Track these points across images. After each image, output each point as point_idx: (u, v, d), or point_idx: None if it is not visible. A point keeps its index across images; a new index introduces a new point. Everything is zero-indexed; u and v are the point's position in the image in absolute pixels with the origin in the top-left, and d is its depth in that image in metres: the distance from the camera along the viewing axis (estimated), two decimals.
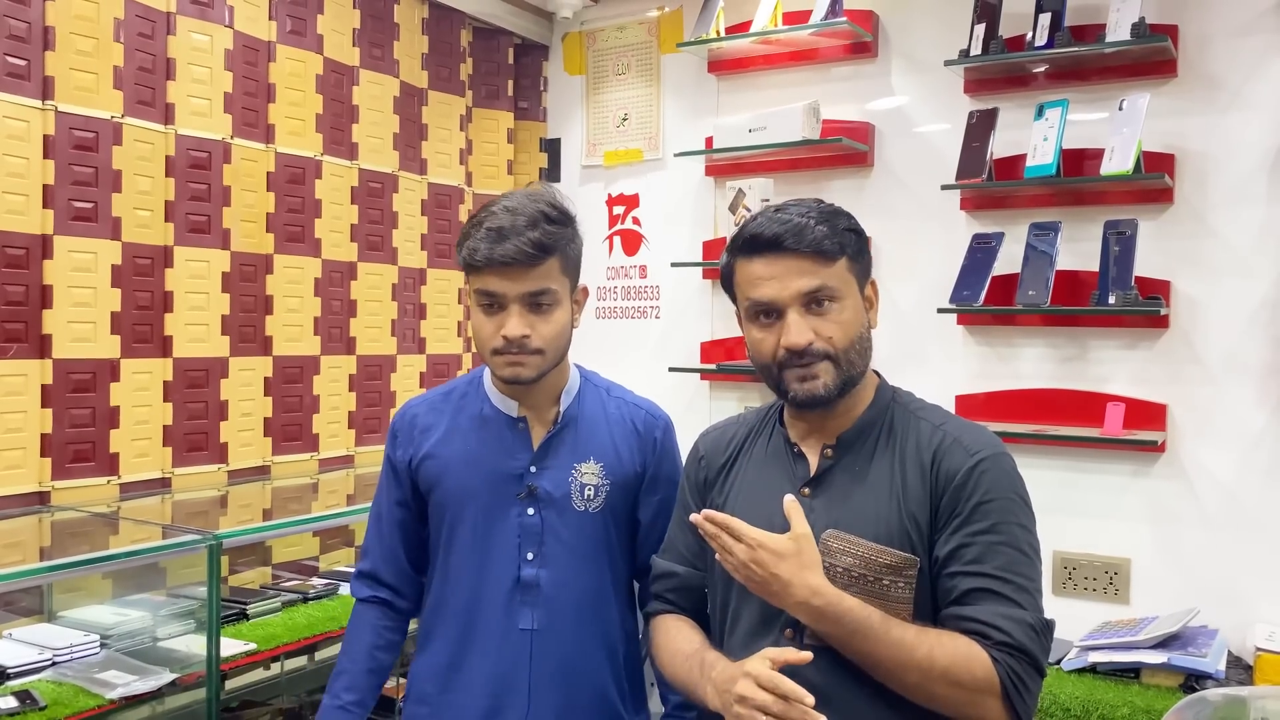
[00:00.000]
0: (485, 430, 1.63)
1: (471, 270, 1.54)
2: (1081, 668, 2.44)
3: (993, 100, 2.87)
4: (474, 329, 1.58)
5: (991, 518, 1.28)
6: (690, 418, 3.41)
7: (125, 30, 2.49)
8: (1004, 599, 1.25)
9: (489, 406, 1.64)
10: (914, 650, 1.23)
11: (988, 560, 1.27)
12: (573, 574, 1.60)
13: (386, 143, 3.22)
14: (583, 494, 1.61)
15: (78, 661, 2.10)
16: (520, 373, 1.55)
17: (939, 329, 2.95)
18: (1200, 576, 2.62)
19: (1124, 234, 2.62)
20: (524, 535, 1.58)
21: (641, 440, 1.68)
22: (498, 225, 1.51)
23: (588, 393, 1.69)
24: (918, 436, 1.36)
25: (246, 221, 2.79)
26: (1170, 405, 2.68)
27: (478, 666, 1.58)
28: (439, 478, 1.63)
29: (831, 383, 1.33)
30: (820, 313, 1.33)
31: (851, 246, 1.37)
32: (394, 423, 1.71)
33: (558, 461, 1.61)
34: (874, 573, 1.31)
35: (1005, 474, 1.32)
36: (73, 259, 2.39)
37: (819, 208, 1.38)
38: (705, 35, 3.24)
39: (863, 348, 1.37)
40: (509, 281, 1.51)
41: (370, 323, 3.17)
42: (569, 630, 1.59)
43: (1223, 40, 2.62)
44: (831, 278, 1.33)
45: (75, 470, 2.41)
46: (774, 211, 1.37)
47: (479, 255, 1.50)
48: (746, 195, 3.12)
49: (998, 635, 1.23)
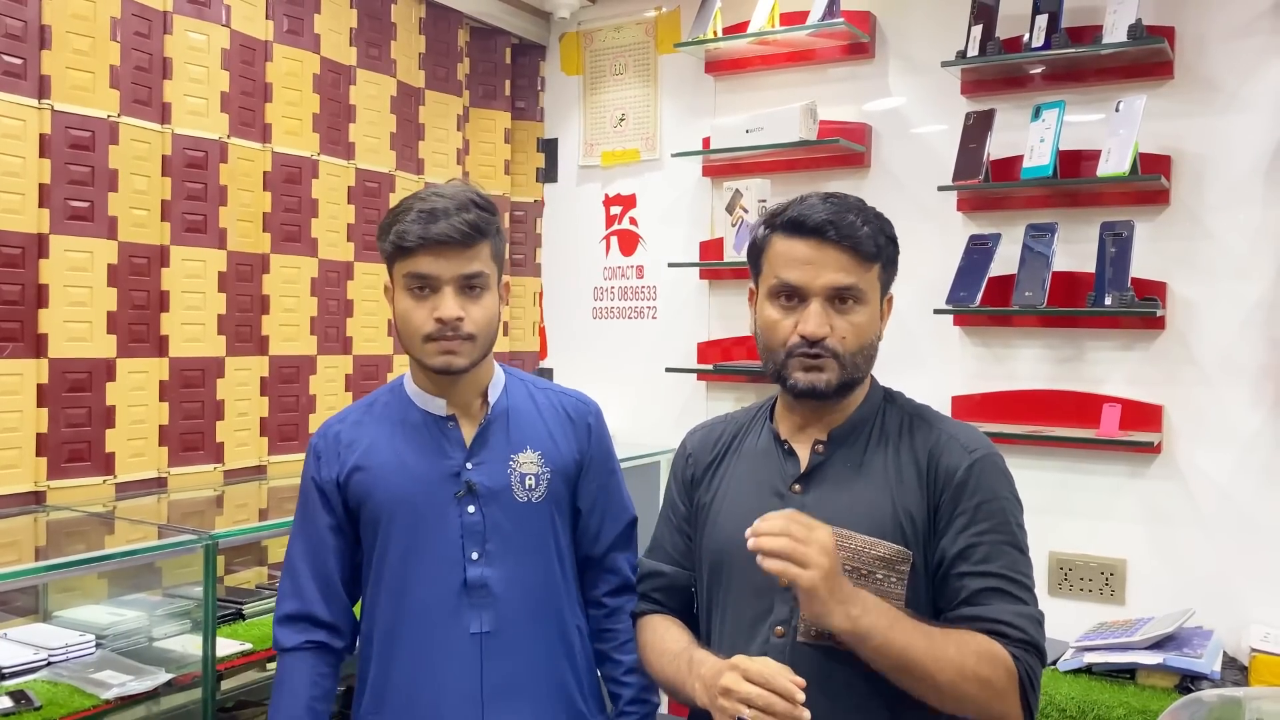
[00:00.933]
0: (414, 434, 1.57)
1: (401, 255, 1.49)
2: (1077, 668, 2.45)
3: (990, 101, 2.88)
4: (401, 317, 1.52)
5: (994, 517, 1.31)
6: (686, 418, 3.42)
7: (122, 29, 2.49)
8: (1013, 598, 1.29)
9: (414, 410, 1.59)
10: (944, 647, 1.23)
11: (995, 560, 1.30)
12: (522, 569, 1.55)
13: (383, 142, 3.22)
14: (524, 484, 1.56)
15: (73, 661, 2.09)
16: (453, 361, 1.50)
17: (935, 330, 2.96)
18: (1196, 577, 2.63)
19: (1120, 235, 2.62)
20: (467, 534, 1.52)
21: (575, 427, 1.64)
22: (429, 208, 1.48)
23: (513, 386, 1.65)
24: (912, 434, 1.38)
25: (243, 221, 2.78)
26: (1166, 406, 2.68)
27: (424, 682, 1.51)
28: (370, 490, 1.55)
29: (834, 380, 1.34)
30: (842, 310, 1.34)
31: (886, 254, 1.39)
32: (314, 443, 1.62)
33: (493, 455, 1.56)
34: (867, 566, 1.31)
35: (1000, 473, 1.36)
36: (69, 258, 2.39)
37: (868, 208, 1.39)
38: (702, 36, 3.24)
39: (869, 354, 1.38)
40: (443, 262, 1.47)
41: (367, 322, 3.16)
42: (524, 629, 1.54)
43: (1219, 42, 2.63)
44: (862, 279, 1.34)
45: (71, 470, 2.40)
46: (822, 198, 1.37)
47: (410, 237, 1.46)
48: (744, 196, 3.12)
49: (1015, 633, 1.26)
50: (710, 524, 1.46)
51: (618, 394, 3.53)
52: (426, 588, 1.52)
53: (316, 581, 1.59)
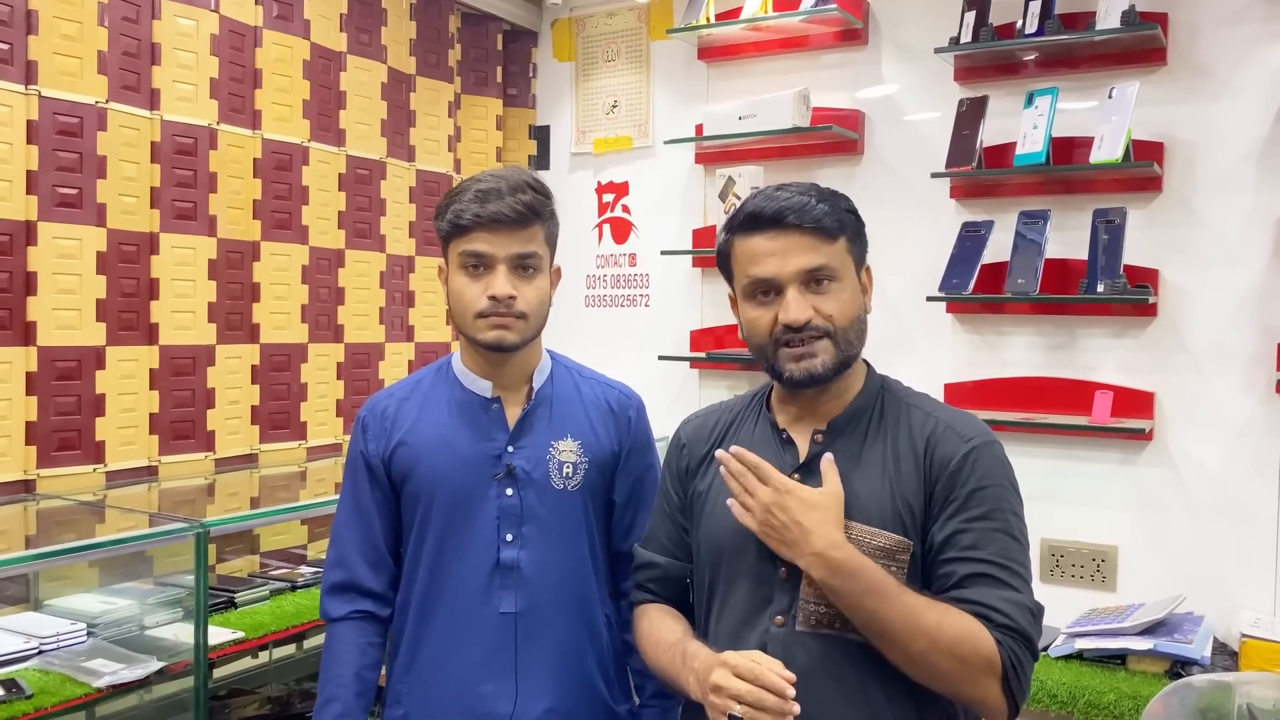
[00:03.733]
0: (459, 414, 1.60)
1: (457, 233, 1.53)
2: (1068, 654, 2.46)
3: (983, 88, 2.87)
4: (455, 295, 1.56)
5: (987, 504, 1.29)
6: (680, 406, 3.42)
7: (109, 15, 2.47)
8: (1002, 584, 1.26)
9: (460, 390, 1.61)
10: (924, 617, 1.22)
11: (984, 546, 1.27)
12: (553, 554, 1.58)
13: (374, 129, 3.20)
14: (561, 472, 1.59)
15: (64, 650, 2.09)
16: (505, 336, 1.53)
17: (928, 317, 2.96)
18: (1186, 564, 2.64)
19: (1113, 222, 2.62)
20: (503, 516, 1.55)
21: (617, 420, 1.67)
22: (486, 188, 1.52)
23: (559, 374, 1.68)
24: (910, 422, 1.36)
25: (233, 208, 2.77)
26: (1158, 393, 2.69)
27: (460, 656, 1.55)
28: (413, 465, 1.58)
29: (830, 361, 1.33)
30: (820, 291, 1.33)
31: (851, 227, 1.37)
32: (362, 416, 1.65)
33: (534, 440, 1.59)
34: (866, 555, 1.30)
35: (998, 461, 1.33)
36: (57, 245, 2.37)
37: (818, 188, 1.38)
38: (695, 22, 3.23)
39: (860, 329, 1.37)
40: (499, 239, 1.51)
41: (358, 310, 3.15)
42: (552, 612, 1.57)
43: (1212, 29, 2.62)
44: (832, 257, 1.33)
45: (61, 458, 2.39)
46: (774, 190, 1.37)
47: (467, 215, 1.50)
48: (736, 183, 3.11)
49: (1000, 618, 1.23)
50: (707, 514, 1.45)
51: None
52: (462, 565, 1.56)
53: (362, 551, 1.62)
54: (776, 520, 1.27)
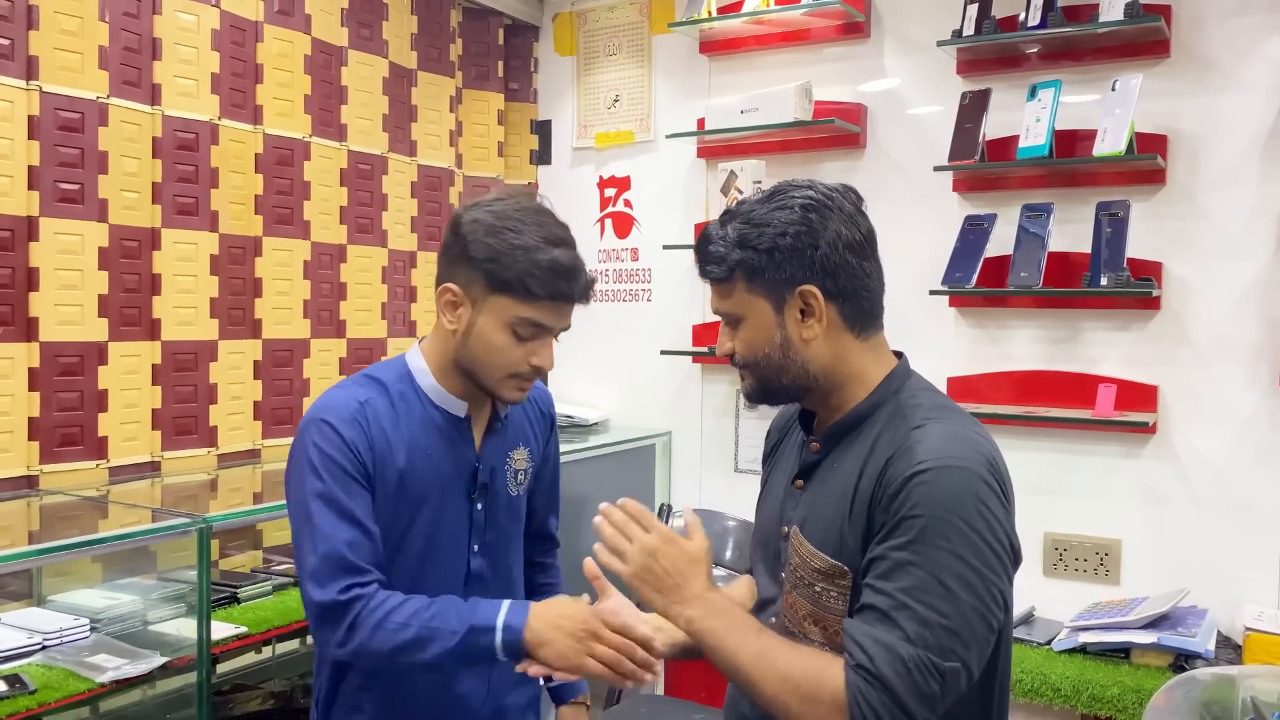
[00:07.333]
0: (437, 434, 1.55)
1: (521, 295, 1.44)
2: (1072, 648, 2.46)
3: (985, 81, 2.86)
4: (490, 349, 1.47)
5: (911, 534, 1.16)
6: (681, 401, 3.43)
7: (110, 9, 2.46)
8: (886, 621, 1.15)
9: (433, 408, 1.55)
10: (774, 657, 1.21)
11: (892, 579, 1.16)
12: (506, 557, 1.65)
13: (376, 124, 3.19)
14: (515, 479, 1.64)
15: (68, 645, 2.09)
16: (524, 398, 1.58)
17: (931, 311, 2.95)
18: (1190, 557, 2.63)
19: (1116, 215, 2.62)
20: (473, 529, 1.59)
21: (545, 420, 1.74)
22: (568, 263, 1.46)
23: None
24: (891, 437, 1.26)
25: (235, 203, 2.77)
26: (1161, 387, 2.68)
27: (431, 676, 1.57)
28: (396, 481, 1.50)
29: (752, 387, 1.38)
30: (735, 330, 1.37)
31: (747, 266, 1.31)
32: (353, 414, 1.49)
33: (497, 453, 1.62)
34: (810, 577, 1.28)
35: (946, 491, 1.17)
36: (59, 241, 2.37)
37: (728, 227, 1.34)
38: (697, 15, 3.22)
39: (779, 362, 1.32)
40: (562, 314, 1.50)
41: (360, 305, 3.15)
42: None
43: (1216, 21, 2.61)
44: (732, 303, 1.35)
45: (64, 454, 2.39)
46: (705, 230, 1.40)
47: (547, 289, 1.44)
48: (739, 177, 3.10)
49: (857, 656, 1.16)
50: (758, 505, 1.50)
51: (612, 377, 3.53)
52: (439, 578, 1.56)
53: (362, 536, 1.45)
54: (659, 567, 1.29)
